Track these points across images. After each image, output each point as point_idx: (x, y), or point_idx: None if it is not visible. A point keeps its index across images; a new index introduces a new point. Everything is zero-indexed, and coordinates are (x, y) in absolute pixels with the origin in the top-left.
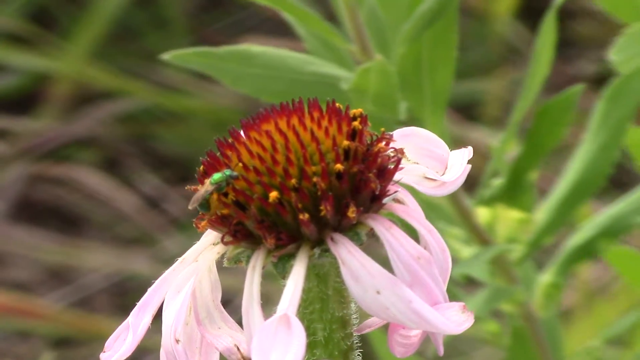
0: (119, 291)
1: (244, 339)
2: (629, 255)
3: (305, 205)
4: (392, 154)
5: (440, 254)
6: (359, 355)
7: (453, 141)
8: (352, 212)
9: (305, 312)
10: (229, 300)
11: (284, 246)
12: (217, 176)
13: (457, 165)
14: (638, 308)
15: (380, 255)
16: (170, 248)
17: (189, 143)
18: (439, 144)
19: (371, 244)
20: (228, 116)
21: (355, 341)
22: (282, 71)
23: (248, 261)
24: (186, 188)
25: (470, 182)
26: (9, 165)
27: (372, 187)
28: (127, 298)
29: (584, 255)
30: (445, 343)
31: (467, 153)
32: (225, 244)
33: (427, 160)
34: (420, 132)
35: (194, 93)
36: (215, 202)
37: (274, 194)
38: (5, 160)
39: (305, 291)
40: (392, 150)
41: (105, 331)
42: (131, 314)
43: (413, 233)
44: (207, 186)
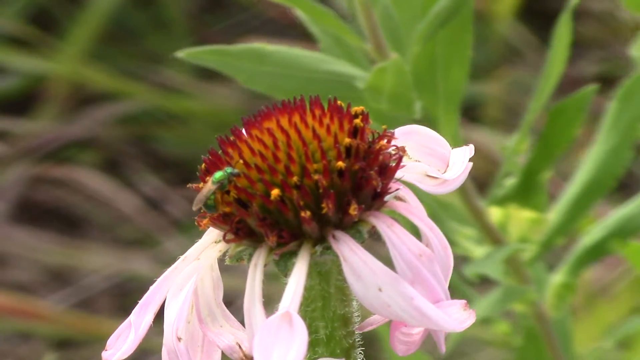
0: (120, 292)
1: (245, 337)
2: None
3: (307, 203)
4: (394, 152)
5: (442, 251)
6: (360, 353)
7: (457, 141)
8: (354, 210)
9: (307, 310)
10: (231, 302)
11: (285, 244)
12: (219, 174)
13: (459, 163)
14: None
15: (382, 253)
16: (171, 249)
17: (190, 144)
18: (440, 141)
19: (373, 242)
20: (228, 118)
21: (357, 339)
22: (296, 69)
23: (250, 259)
24: (188, 186)
25: (477, 183)
26: (10, 166)
27: (374, 185)
28: (128, 299)
29: (595, 255)
30: (449, 345)
31: (469, 151)
32: (227, 242)
33: (429, 158)
34: (422, 130)
35: (195, 95)
36: (218, 201)
37: (275, 192)
38: (6, 162)
39: (307, 289)
40: (394, 148)
41: (106, 332)
42: (133, 312)
43: (415, 231)
44: (210, 185)
